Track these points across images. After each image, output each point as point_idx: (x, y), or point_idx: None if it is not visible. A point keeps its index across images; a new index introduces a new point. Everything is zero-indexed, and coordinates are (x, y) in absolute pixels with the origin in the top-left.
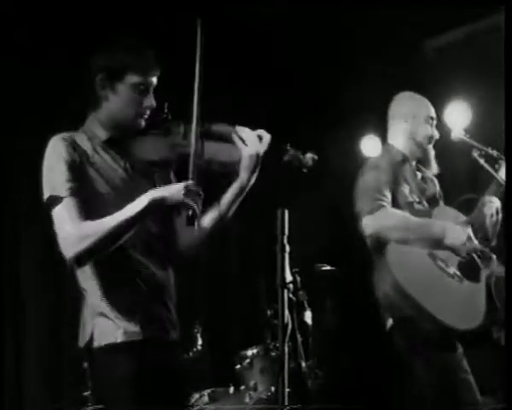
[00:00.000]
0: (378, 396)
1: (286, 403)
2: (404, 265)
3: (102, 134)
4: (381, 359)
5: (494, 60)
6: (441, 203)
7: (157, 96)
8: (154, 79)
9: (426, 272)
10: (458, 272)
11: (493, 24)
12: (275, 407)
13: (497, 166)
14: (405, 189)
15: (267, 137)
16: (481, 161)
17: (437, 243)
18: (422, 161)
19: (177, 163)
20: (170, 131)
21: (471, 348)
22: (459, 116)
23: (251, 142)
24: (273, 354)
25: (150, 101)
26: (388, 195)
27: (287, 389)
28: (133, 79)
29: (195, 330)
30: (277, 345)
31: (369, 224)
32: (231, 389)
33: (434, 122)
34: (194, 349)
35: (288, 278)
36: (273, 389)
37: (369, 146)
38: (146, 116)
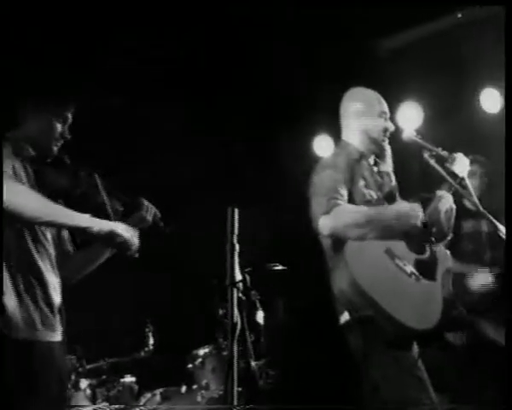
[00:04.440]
0: (331, 394)
1: (236, 402)
2: (363, 264)
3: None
4: (334, 357)
5: (447, 62)
6: (398, 199)
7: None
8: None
9: (384, 271)
10: (415, 271)
11: (449, 25)
12: (226, 407)
13: (450, 160)
14: (362, 186)
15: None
16: (432, 162)
17: (393, 230)
18: (379, 156)
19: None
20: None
21: (426, 347)
22: (411, 117)
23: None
24: (225, 353)
25: (66, 131)
26: (344, 193)
27: (236, 389)
28: (57, 109)
29: (147, 330)
30: None
31: (326, 224)
32: (183, 389)
33: (387, 116)
34: (146, 349)
35: (238, 276)
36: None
37: (322, 145)
38: (59, 144)
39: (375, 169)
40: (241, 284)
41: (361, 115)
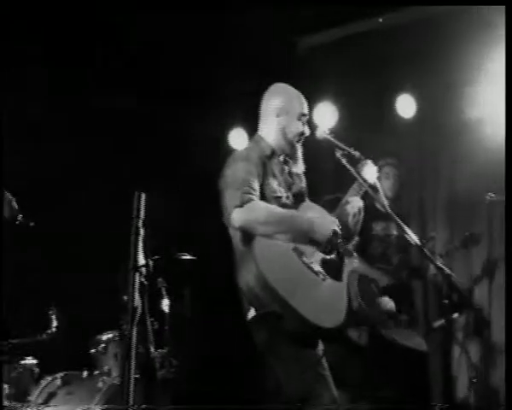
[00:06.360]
0: (235, 387)
1: (132, 387)
2: (271, 259)
3: None
4: (240, 350)
5: (365, 63)
6: (307, 199)
7: None
8: None
9: (291, 268)
10: (322, 270)
11: (370, 27)
12: (121, 407)
13: (359, 165)
14: (273, 182)
15: None
16: (343, 161)
17: (303, 237)
18: (290, 157)
19: None
20: None
21: (330, 345)
22: (325, 115)
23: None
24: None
25: None
26: (257, 187)
27: (134, 375)
28: None
29: (50, 312)
30: None
31: (239, 217)
32: (85, 373)
33: (306, 119)
34: (49, 331)
35: (141, 261)
36: None
37: (236, 139)
38: None
39: (286, 169)
40: (144, 269)
41: (280, 114)
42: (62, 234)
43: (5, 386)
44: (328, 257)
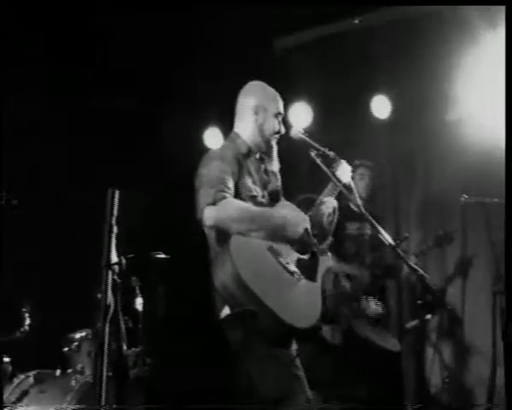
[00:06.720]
0: (208, 386)
1: (104, 383)
2: (247, 258)
3: None
4: (213, 349)
5: (341, 63)
6: (282, 199)
7: None
8: None
9: (267, 268)
10: (297, 270)
11: (346, 27)
12: (94, 407)
13: (334, 165)
14: (248, 181)
15: None
16: (318, 161)
17: (276, 234)
18: (266, 155)
19: None
20: None
21: (304, 345)
22: (300, 115)
23: None
24: None
25: None
26: (231, 186)
27: (106, 372)
28: None
29: (24, 310)
30: None
31: (211, 215)
32: (58, 372)
33: (282, 117)
34: (22, 329)
35: (114, 259)
36: None
37: (212, 138)
38: None
39: (262, 167)
40: (116, 267)
41: (258, 111)
42: (38, 232)
43: None
44: (303, 257)
